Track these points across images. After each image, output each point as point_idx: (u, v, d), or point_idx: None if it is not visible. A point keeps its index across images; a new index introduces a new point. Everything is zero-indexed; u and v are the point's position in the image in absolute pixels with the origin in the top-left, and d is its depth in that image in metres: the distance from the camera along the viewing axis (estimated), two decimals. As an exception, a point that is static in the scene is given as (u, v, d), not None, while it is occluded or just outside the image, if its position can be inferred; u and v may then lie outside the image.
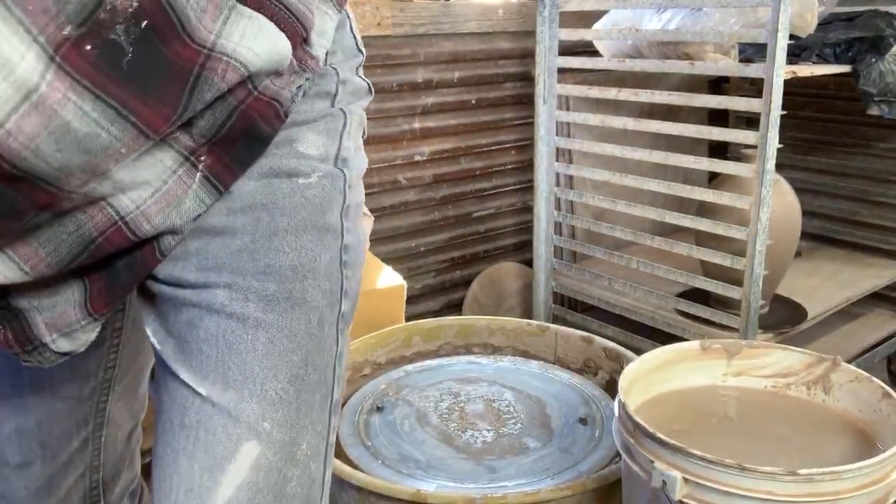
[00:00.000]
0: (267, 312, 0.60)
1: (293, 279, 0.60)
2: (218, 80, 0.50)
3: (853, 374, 0.90)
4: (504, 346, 1.30)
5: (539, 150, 1.87)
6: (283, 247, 0.60)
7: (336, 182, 0.63)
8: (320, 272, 0.62)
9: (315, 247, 0.61)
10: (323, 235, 0.62)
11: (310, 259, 0.61)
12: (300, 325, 0.61)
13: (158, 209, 0.54)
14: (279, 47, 0.53)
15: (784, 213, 1.67)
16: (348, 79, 0.64)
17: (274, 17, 0.52)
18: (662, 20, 1.76)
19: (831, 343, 1.92)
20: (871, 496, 0.73)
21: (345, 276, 0.65)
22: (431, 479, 0.96)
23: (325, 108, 0.62)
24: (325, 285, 0.62)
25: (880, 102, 1.76)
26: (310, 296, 0.61)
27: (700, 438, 0.83)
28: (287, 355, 0.60)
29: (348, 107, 0.64)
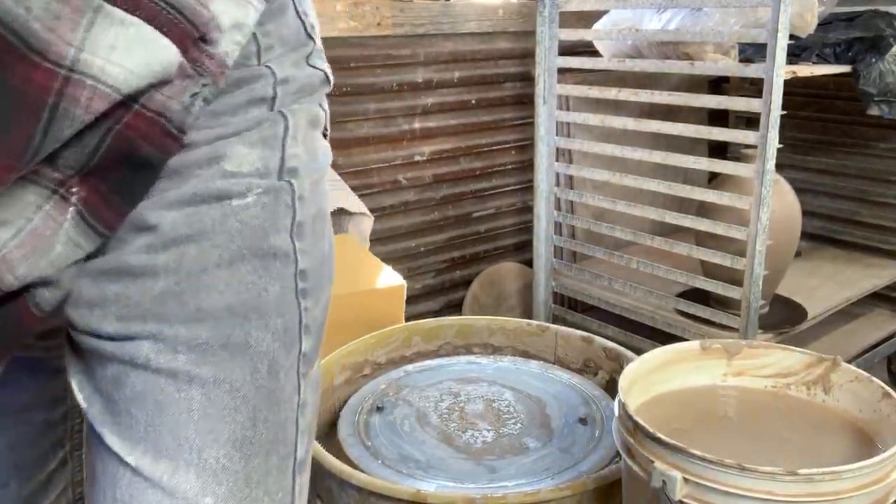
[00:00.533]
0: (200, 365, 0.51)
1: (231, 322, 0.52)
2: (81, 112, 0.41)
3: (853, 374, 0.90)
4: (504, 346, 1.30)
5: (539, 150, 1.87)
6: (216, 284, 0.51)
7: (280, 197, 0.53)
8: (268, 309, 0.53)
9: (258, 279, 0.52)
10: (268, 263, 0.53)
11: (252, 295, 0.52)
12: (243, 376, 0.52)
13: (22, 255, 0.45)
14: (162, 57, 0.44)
15: (784, 213, 1.67)
16: (291, 76, 0.55)
17: (155, 18, 0.43)
18: (662, 20, 1.76)
19: (831, 343, 1.92)
20: (871, 496, 0.73)
21: (303, 308, 0.55)
22: (431, 479, 0.96)
23: (261, 114, 0.53)
24: (275, 324, 0.53)
25: (880, 102, 1.76)
26: (254, 339, 0.52)
27: (700, 438, 0.83)
28: (229, 415, 0.52)
29: (292, 107, 0.55)
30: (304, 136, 0.56)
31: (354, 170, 1.79)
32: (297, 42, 0.57)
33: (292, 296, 0.54)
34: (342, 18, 1.68)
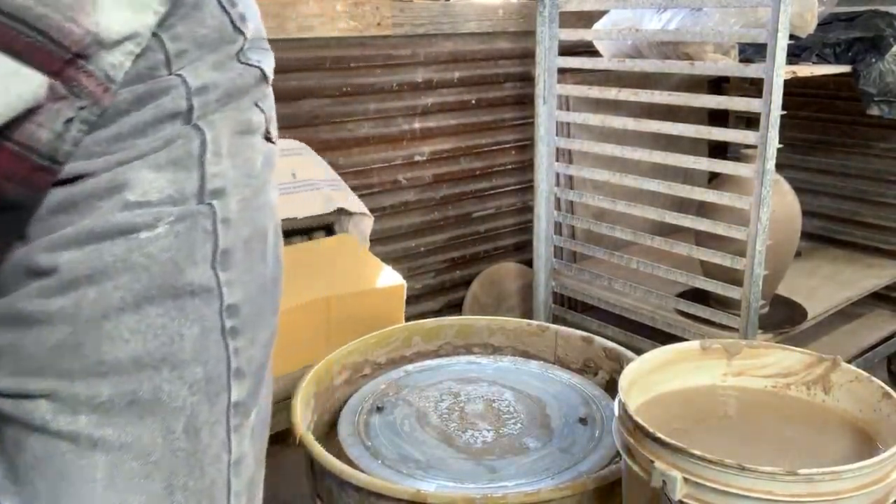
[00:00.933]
0: (103, 427, 0.44)
1: (137, 376, 0.45)
2: None
3: (853, 374, 0.90)
4: (504, 346, 1.30)
5: (539, 150, 1.87)
6: (120, 332, 0.44)
7: (198, 223, 0.46)
8: (183, 357, 0.46)
9: (170, 322, 0.45)
10: (183, 303, 0.46)
11: (162, 342, 0.45)
12: (154, 438, 0.45)
13: None
14: (23, 90, 0.39)
15: (784, 213, 1.67)
16: (211, 82, 0.48)
17: (11, 46, 0.38)
18: (662, 20, 1.76)
19: (831, 343, 1.92)
20: (871, 496, 0.73)
21: (232, 350, 0.49)
22: (431, 479, 0.96)
23: (173, 131, 0.46)
24: (192, 374, 0.47)
25: (880, 102, 1.76)
26: (167, 394, 0.46)
27: (700, 438, 0.83)
28: (140, 484, 0.45)
29: (212, 118, 0.48)
30: (231, 149, 0.49)
31: (354, 170, 1.79)
32: (220, 40, 0.49)
33: (217, 337, 0.47)
34: (342, 18, 1.68)
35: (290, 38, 1.59)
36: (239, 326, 0.49)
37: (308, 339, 1.26)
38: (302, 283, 1.31)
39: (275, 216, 0.54)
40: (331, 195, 1.54)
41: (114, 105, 0.44)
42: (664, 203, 1.88)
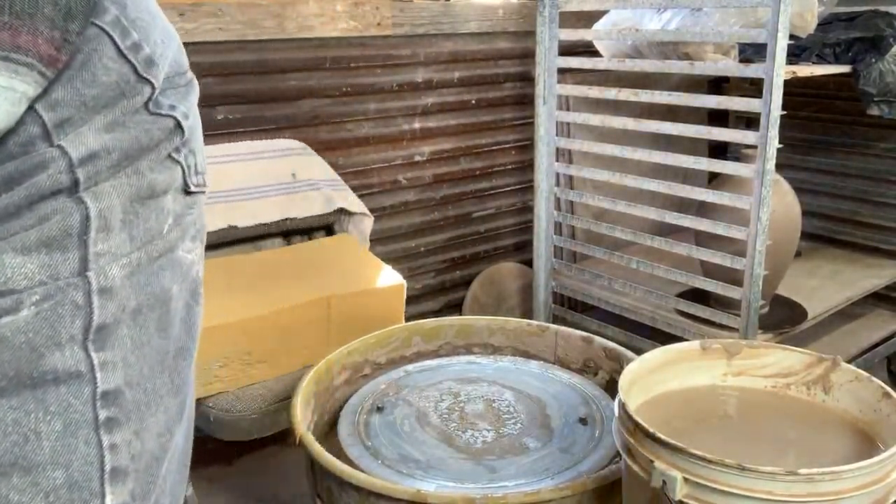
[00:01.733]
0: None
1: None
2: None
3: (853, 374, 0.90)
4: (504, 346, 1.30)
5: (539, 150, 1.87)
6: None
7: (67, 297, 0.40)
8: (40, 458, 0.39)
9: (24, 417, 0.38)
10: (43, 393, 0.39)
11: (13, 441, 0.38)
12: None
13: None
14: None
15: (784, 213, 1.67)
16: (101, 147, 0.42)
17: None
18: (662, 20, 1.76)
19: (831, 343, 1.92)
20: (871, 496, 0.73)
21: (107, 448, 0.41)
22: (431, 479, 0.96)
23: (49, 209, 0.40)
24: (50, 479, 0.39)
25: (880, 102, 1.76)
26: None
27: (700, 438, 0.83)
28: None
29: (102, 185, 0.42)
30: (126, 219, 0.43)
31: (354, 170, 1.79)
32: (119, 95, 0.43)
33: (86, 431, 0.40)
34: (342, 18, 1.68)
35: (290, 38, 1.59)
36: (119, 416, 0.42)
37: (308, 339, 1.26)
38: (302, 283, 1.31)
39: (188, 276, 0.48)
40: (331, 195, 1.54)
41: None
42: (664, 203, 1.88)
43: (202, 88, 0.52)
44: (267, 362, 1.21)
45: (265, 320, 1.20)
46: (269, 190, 1.49)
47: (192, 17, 1.49)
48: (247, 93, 1.56)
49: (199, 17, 1.49)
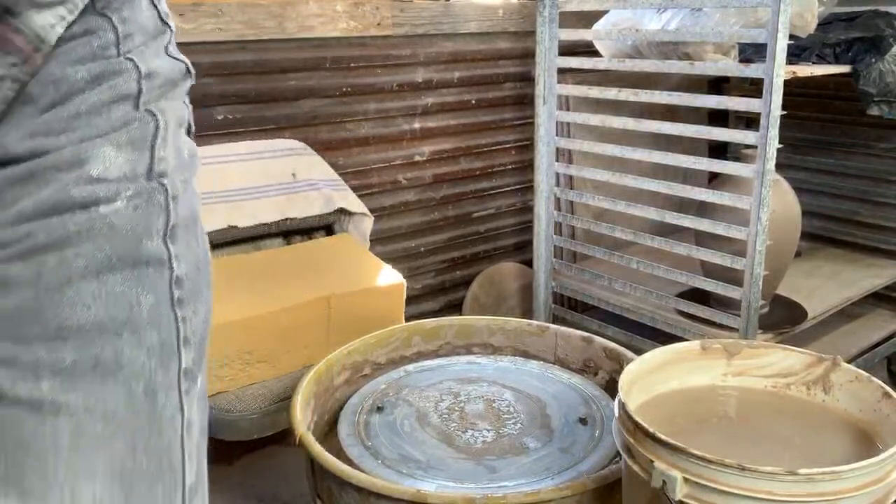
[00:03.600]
0: (67, 392, 0.45)
1: (100, 340, 0.46)
2: None
3: (853, 374, 0.90)
4: (504, 346, 1.30)
5: (539, 151, 1.87)
6: (81, 298, 0.45)
7: (154, 198, 0.49)
8: (142, 323, 0.48)
9: (130, 290, 0.47)
10: (141, 272, 0.48)
11: (124, 308, 0.47)
12: (117, 400, 0.46)
13: None
14: None
15: (784, 213, 1.67)
16: (155, 69, 0.50)
17: None
18: (662, 20, 1.76)
19: (831, 343, 1.92)
20: (872, 496, 0.73)
21: (181, 320, 0.51)
22: (431, 479, 0.96)
23: (128, 113, 0.48)
24: (150, 339, 0.49)
25: (880, 103, 1.76)
26: (128, 358, 0.47)
27: (700, 438, 0.83)
28: (104, 445, 0.46)
29: (159, 105, 0.51)
30: (174, 138, 0.52)
31: (354, 170, 1.79)
32: (156, 30, 0.51)
33: (168, 307, 0.50)
34: (342, 18, 1.68)
35: (290, 38, 1.59)
36: (184, 297, 0.51)
37: (308, 339, 1.26)
38: (302, 283, 1.31)
39: (199, 205, 0.57)
40: (331, 195, 1.54)
41: (71, 83, 0.46)
42: (664, 203, 1.88)
43: (202, 88, 0.55)
44: (267, 362, 1.21)
45: (265, 320, 1.20)
46: (269, 190, 1.49)
47: (192, 17, 1.49)
48: (247, 93, 1.56)
49: (198, 17, 1.49)
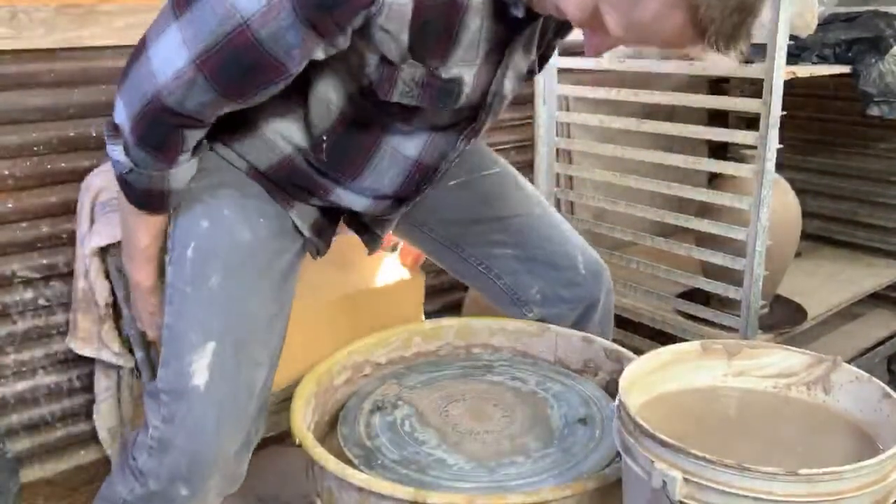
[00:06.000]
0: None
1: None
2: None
3: (853, 374, 0.89)
4: (504, 346, 1.30)
5: (539, 151, 1.87)
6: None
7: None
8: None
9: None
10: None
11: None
12: None
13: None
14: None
15: (784, 214, 1.67)
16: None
17: None
18: (662, 20, 1.75)
19: (831, 343, 1.92)
20: (872, 496, 0.73)
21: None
22: (431, 479, 0.96)
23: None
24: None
25: (880, 103, 1.76)
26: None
27: (700, 438, 0.83)
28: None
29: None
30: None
31: (354, 170, 1.79)
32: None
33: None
34: (342, 18, 1.68)
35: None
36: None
37: (328, 336, 1.26)
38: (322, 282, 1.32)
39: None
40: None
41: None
42: (664, 203, 1.88)
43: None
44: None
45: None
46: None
47: (192, 17, 1.49)
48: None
49: (199, 18, 1.49)
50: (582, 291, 1.24)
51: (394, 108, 0.95)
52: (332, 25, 0.81)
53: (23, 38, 1.37)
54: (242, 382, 0.98)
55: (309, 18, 0.79)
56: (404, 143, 1.02)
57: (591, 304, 1.25)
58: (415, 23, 0.84)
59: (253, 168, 1.05)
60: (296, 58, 0.83)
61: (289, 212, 1.08)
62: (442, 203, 1.23)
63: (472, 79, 0.93)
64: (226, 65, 0.83)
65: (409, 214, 1.20)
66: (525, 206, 1.27)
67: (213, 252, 1.00)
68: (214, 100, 0.87)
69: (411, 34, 0.85)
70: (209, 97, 0.86)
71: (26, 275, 1.47)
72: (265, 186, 1.06)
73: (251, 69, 0.84)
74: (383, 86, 0.91)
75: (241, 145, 1.04)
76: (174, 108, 0.86)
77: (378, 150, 1.02)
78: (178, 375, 0.96)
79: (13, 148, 1.41)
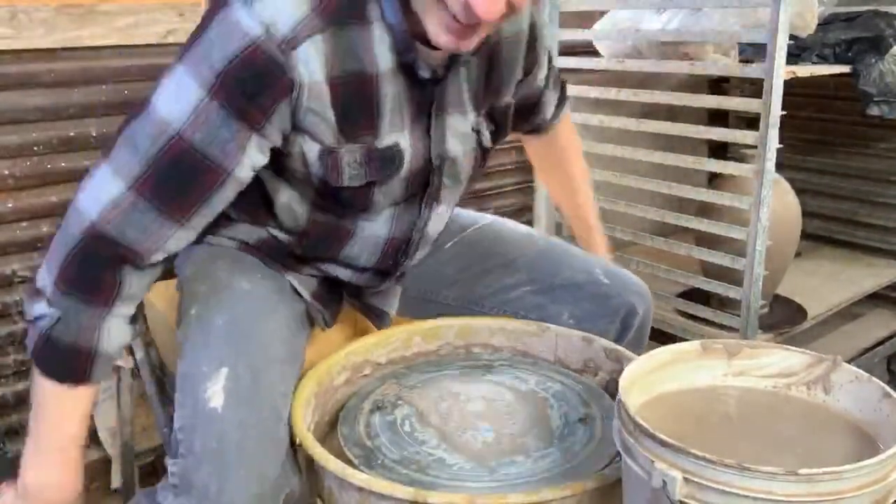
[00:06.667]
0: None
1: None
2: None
3: (853, 374, 0.89)
4: (504, 346, 1.30)
5: (539, 151, 1.87)
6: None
7: None
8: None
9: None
10: None
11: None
12: None
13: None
14: None
15: (784, 213, 1.67)
16: None
17: None
18: (662, 20, 1.76)
19: (831, 343, 1.92)
20: (872, 496, 0.73)
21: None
22: (431, 479, 0.96)
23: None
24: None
25: (880, 103, 1.77)
26: None
27: (700, 438, 0.83)
28: None
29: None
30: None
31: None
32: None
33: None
34: (342, 18, 1.68)
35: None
36: None
37: (329, 336, 1.26)
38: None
39: None
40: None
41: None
42: (664, 203, 1.88)
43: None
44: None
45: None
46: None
47: (192, 17, 1.49)
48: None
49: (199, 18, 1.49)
50: (610, 301, 1.21)
51: (353, 199, 0.98)
52: (260, 114, 0.83)
53: (23, 38, 1.37)
54: (265, 404, 0.92)
55: (238, 109, 0.82)
56: (373, 225, 1.04)
57: (629, 312, 1.22)
58: (335, 100, 0.87)
59: (243, 243, 1.06)
60: (231, 153, 0.84)
61: (286, 275, 1.08)
62: (444, 267, 1.24)
63: (408, 144, 0.96)
64: (164, 178, 0.83)
65: (416, 289, 1.23)
66: (527, 244, 1.27)
67: (216, 303, 0.98)
68: (156, 221, 0.84)
69: (335, 112, 0.88)
70: (150, 218, 0.84)
71: (26, 275, 1.47)
72: (258, 257, 1.07)
73: (190, 176, 0.84)
74: (332, 175, 0.93)
75: (227, 230, 1.06)
76: (112, 236, 0.84)
77: (350, 238, 1.05)
78: (194, 408, 0.89)
79: (13, 148, 1.41)
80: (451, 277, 1.25)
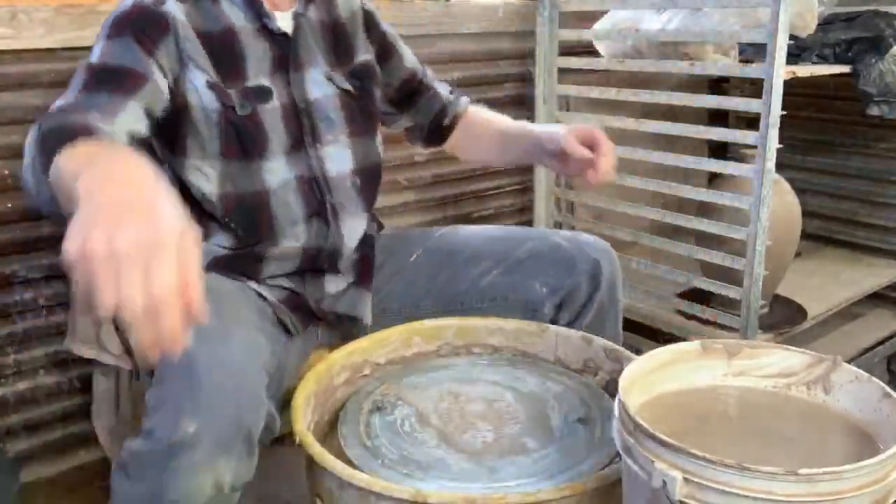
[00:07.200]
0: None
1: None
2: None
3: (853, 374, 0.89)
4: (504, 346, 1.30)
5: (539, 151, 1.87)
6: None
7: None
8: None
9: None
10: None
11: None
12: None
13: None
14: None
15: (784, 213, 1.67)
16: None
17: None
18: (662, 20, 1.76)
19: (831, 343, 1.92)
20: (872, 496, 0.73)
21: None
22: (431, 479, 0.96)
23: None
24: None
25: (880, 103, 1.77)
26: None
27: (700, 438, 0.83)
28: None
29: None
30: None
31: (354, 170, 1.79)
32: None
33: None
34: (342, 18, 1.68)
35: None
36: None
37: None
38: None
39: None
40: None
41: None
42: (664, 203, 1.88)
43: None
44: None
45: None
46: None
47: (192, 17, 1.49)
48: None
49: (198, 18, 1.49)
50: (575, 261, 1.26)
51: (248, 131, 1.11)
52: (150, 42, 1.05)
53: (23, 38, 1.37)
54: (234, 345, 0.93)
55: (134, 36, 1.05)
56: (275, 170, 1.15)
57: (594, 268, 1.26)
58: (205, 48, 1.09)
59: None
60: (141, 62, 1.04)
61: (248, 284, 1.16)
62: (416, 279, 1.31)
63: (273, 87, 1.14)
64: (98, 77, 1.03)
65: (395, 306, 1.31)
66: (485, 234, 1.35)
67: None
68: (106, 97, 1.00)
69: (209, 58, 1.09)
70: (103, 98, 1.00)
71: (26, 275, 1.47)
72: (219, 272, 1.14)
73: (116, 74, 1.03)
74: (225, 100, 1.10)
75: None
76: (74, 111, 0.97)
77: (268, 197, 1.14)
78: (163, 363, 0.87)
79: (13, 148, 1.41)
80: (424, 287, 1.31)
